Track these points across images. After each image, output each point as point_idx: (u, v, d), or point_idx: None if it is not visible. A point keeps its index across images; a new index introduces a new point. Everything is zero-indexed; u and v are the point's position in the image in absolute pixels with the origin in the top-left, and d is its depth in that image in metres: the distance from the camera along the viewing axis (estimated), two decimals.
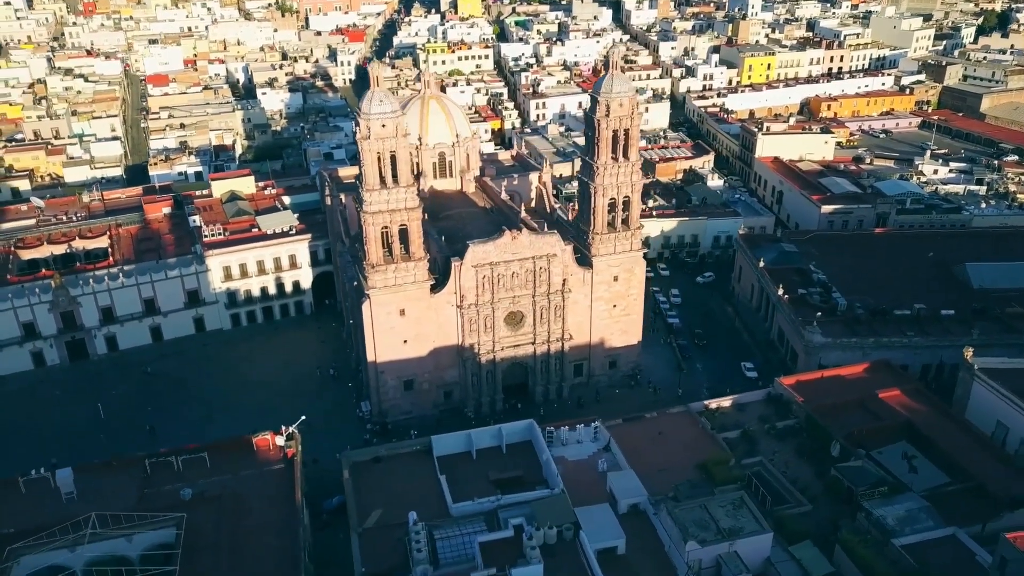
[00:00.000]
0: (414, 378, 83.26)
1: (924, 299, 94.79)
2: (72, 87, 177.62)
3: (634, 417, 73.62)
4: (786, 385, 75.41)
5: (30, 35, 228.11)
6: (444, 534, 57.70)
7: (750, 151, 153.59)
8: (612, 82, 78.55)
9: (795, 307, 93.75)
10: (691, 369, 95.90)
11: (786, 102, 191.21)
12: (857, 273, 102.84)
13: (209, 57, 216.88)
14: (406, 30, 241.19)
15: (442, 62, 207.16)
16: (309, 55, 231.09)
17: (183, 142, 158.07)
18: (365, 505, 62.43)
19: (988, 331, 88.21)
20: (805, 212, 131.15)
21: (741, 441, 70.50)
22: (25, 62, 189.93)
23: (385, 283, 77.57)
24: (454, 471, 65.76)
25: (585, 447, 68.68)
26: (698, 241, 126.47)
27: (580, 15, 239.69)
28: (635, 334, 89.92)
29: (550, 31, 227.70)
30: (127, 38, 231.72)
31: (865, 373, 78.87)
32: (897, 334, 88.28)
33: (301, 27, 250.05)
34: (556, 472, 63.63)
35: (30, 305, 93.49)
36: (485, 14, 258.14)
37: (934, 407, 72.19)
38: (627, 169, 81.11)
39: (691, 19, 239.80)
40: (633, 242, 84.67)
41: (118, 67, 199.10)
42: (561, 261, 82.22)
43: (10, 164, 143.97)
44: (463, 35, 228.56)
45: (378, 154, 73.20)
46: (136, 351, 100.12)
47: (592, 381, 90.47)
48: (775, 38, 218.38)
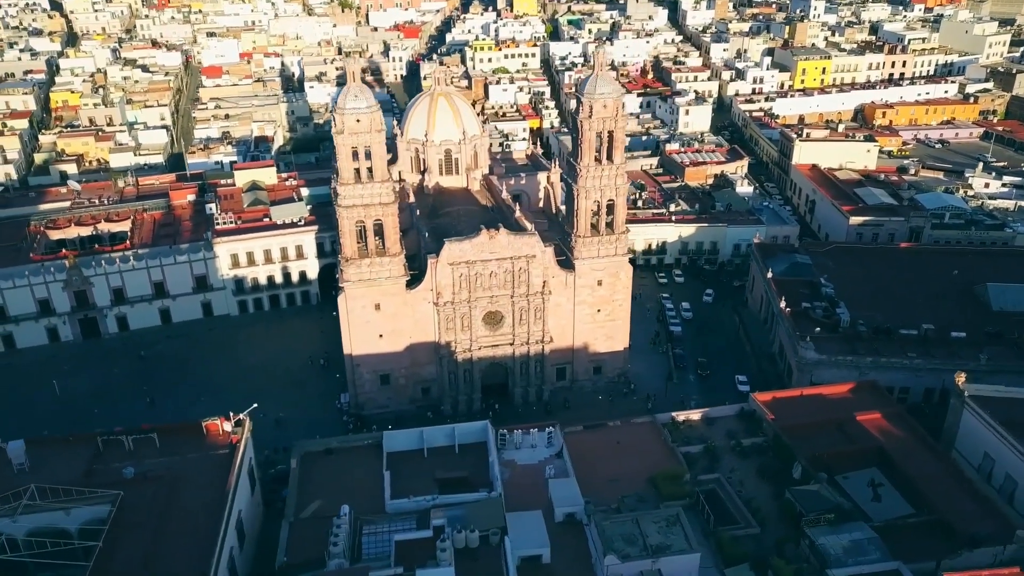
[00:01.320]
0: (390, 373, 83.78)
1: (938, 319, 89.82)
2: (130, 77, 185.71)
3: (595, 425, 72.20)
4: (760, 401, 72.54)
5: (104, 27, 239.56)
6: (373, 529, 57.96)
7: (787, 157, 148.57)
8: (596, 83, 77.08)
9: (796, 321, 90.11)
10: (683, 379, 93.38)
11: (839, 108, 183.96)
12: (872, 288, 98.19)
13: (266, 51, 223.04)
14: (460, 27, 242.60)
15: (488, 60, 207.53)
16: (364, 50, 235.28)
17: (225, 132, 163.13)
18: (307, 495, 63.28)
19: (999, 356, 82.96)
20: (835, 223, 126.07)
21: (702, 456, 68.21)
22: (90, 52, 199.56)
23: (359, 277, 78.27)
24: (402, 468, 65.89)
25: (538, 452, 67.73)
26: (717, 248, 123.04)
27: (635, 15, 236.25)
28: (621, 340, 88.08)
29: (602, 31, 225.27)
30: (193, 31, 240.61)
31: (849, 393, 75.15)
32: (898, 355, 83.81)
33: (359, 23, 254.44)
34: (498, 475, 63.10)
35: (45, 283, 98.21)
36: (541, 12, 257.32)
37: (913, 434, 68.17)
38: (611, 172, 79.49)
39: (749, 20, 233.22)
40: (618, 247, 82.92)
41: (178, 58, 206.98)
42: (541, 262, 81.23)
43: (62, 148, 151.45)
44: (514, 33, 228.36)
45: (353, 148, 73.85)
46: (145, 332, 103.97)
47: (575, 386, 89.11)
48: (834, 41, 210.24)
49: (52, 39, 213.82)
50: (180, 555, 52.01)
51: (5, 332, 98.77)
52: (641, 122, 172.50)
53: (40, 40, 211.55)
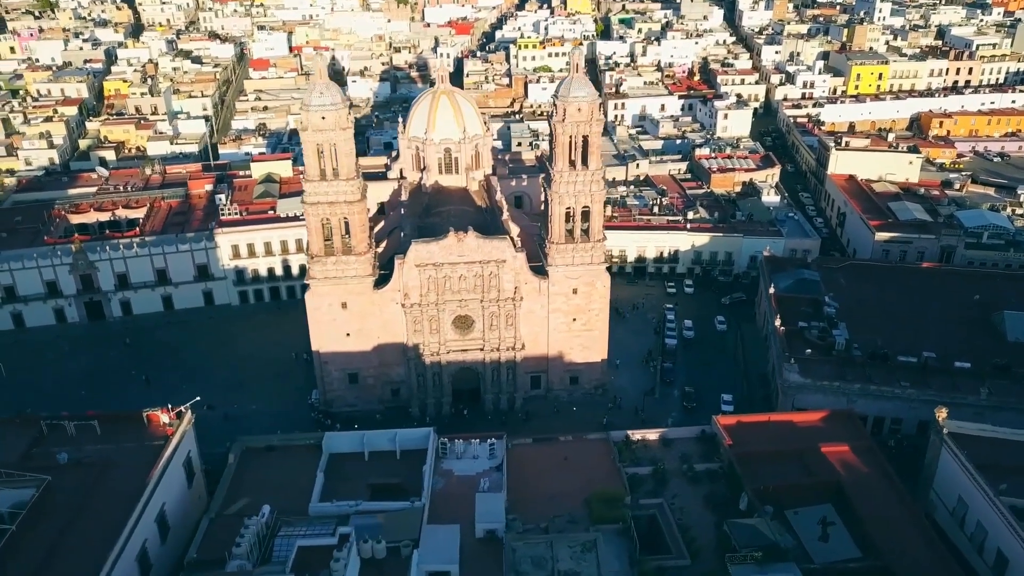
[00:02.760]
0: (358, 372, 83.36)
1: (945, 347, 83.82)
2: (180, 67, 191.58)
3: (545, 438, 69.97)
4: (721, 425, 68.79)
5: (169, 19, 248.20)
6: (288, 532, 57.12)
7: (824, 167, 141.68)
8: (571, 85, 74.55)
9: (789, 340, 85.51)
10: (666, 395, 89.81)
11: (893, 116, 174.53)
12: (880, 310, 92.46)
13: (317, 44, 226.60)
14: (511, 24, 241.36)
15: (532, 58, 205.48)
16: (416, 46, 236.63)
17: (261, 124, 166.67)
18: (239, 492, 63.24)
19: (1004, 391, 76.65)
20: (862, 238, 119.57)
21: (650, 479, 65.03)
22: (147, 43, 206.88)
23: (325, 274, 78.00)
24: (339, 470, 65.27)
25: (479, 463, 65.93)
26: (732, 259, 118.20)
27: (689, 14, 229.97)
28: (598, 351, 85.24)
29: (652, 30, 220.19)
30: (253, 24, 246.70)
31: (821, 422, 70.51)
32: (891, 383, 78.36)
33: (413, 18, 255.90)
34: (428, 485, 61.73)
35: (53, 266, 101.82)
36: (595, 11, 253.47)
37: (879, 471, 63.31)
38: (586, 178, 76.81)
39: (808, 22, 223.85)
40: (594, 255, 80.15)
41: (231, 51, 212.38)
42: (512, 267, 79.26)
43: (104, 136, 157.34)
44: (564, 31, 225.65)
45: (318, 145, 73.50)
46: (148, 317, 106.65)
47: (550, 395, 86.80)
48: (895, 45, 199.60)
49: (116, 30, 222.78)
50: (87, 544, 52.42)
51: (15, 311, 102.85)
52: (679, 125, 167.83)
53: (105, 31, 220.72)
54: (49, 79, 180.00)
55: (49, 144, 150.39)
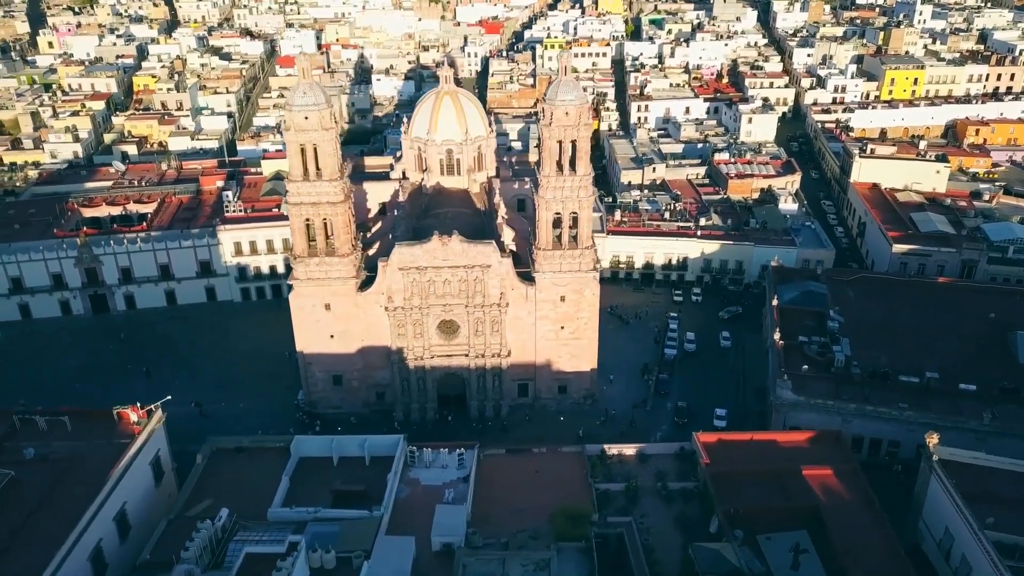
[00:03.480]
0: (343, 374, 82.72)
1: (952, 367, 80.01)
2: (208, 64, 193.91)
3: (519, 450, 68.49)
4: (701, 442, 66.38)
5: (204, 15, 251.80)
6: (244, 537, 56.47)
7: (847, 174, 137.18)
8: (558, 88, 72.72)
9: (786, 355, 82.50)
10: (659, 407, 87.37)
11: (927, 123, 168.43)
12: (888, 326, 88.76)
13: (347, 42, 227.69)
14: (541, 24, 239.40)
15: (557, 58, 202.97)
16: (446, 45, 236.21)
17: (282, 120, 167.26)
18: (204, 493, 62.93)
19: (1009, 416, 72.74)
20: (880, 249, 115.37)
21: (621, 496, 63.25)
22: (177, 39, 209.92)
23: (308, 275, 77.49)
24: (306, 475, 64.57)
25: (447, 473, 64.66)
26: (743, 268, 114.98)
27: (721, 15, 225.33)
28: (588, 360, 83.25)
29: (682, 31, 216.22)
30: (286, 21, 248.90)
31: (806, 443, 67.67)
32: (889, 404, 74.93)
33: (444, 17, 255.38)
34: (391, 494, 60.65)
35: (59, 259, 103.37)
36: (627, 11, 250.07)
37: (861, 497, 60.37)
38: (574, 183, 74.91)
39: (845, 24, 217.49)
40: (582, 262, 78.16)
41: (260, 47, 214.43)
42: (497, 273, 77.74)
43: (128, 130, 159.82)
44: (592, 31, 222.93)
45: (301, 146, 72.93)
46: (152, 311, 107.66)
47: (538, 404, 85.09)
48: (934, 49, 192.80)
49: (151, 26, 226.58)
50: (40, 540, 52.44)
51: (22, 302, 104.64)
52: (702, 129, 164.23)
53: (140, 27, 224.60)
54: (80, 74, 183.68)
55: (74, 138, 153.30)
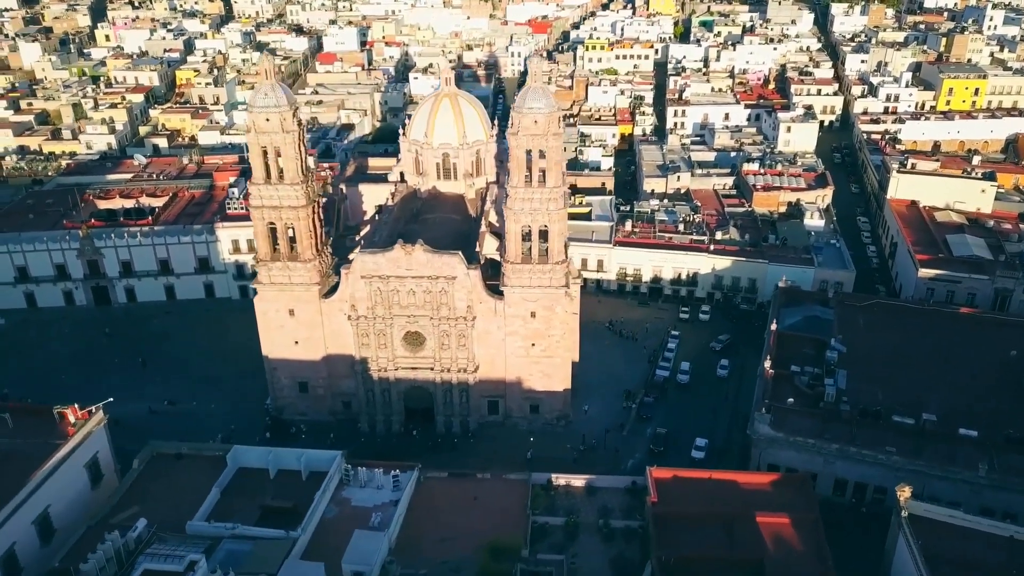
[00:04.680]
0: (308, 381, 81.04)
1: (957, 409, 73.16)
2: (248, 59, 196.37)
3: (462, 474, 65.35)
4: (653, 478, 61.97)
5: (258, 11, 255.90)
6: (156, 550, 55.13)
7: (884, 190, 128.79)
8: (526, 95, 69.07)
9: (774, 385, 77.01)
10: (637, 433, 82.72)
11: (985, 136, 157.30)
12: (895, 359, 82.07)
13: (393, 40, 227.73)
14: (589, 24, 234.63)
15: (599, 60, 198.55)
16: (492, 44, 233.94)
17: (313, 118, 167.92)
18: (134, 500, 61.94)
19: (1011, 469, 65.67)
20: (908, 273, 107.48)
21: (560, 531, 59.48)
22: (223, 34, 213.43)
23: (271, 279, 76.05)
24: (240, 486, 63.02)
25: (381, 494, 62.07)
26: (756, 287, 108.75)
27: (775, 17, 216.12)
28: (560, 380, 79.33)
29: (732, 33, 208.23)
30: (336, 17, 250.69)
31: (770, 486, 62.43)
32: (875, 446, 68.73)
33: (492, 15, 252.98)
34: (316, 515, 58.40)
35: (62, 250, 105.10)
36: (679, 12, 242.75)
37: (813, 551, 54.97)
38: (543, 195, 71.16)
39: (907, 29, 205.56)
40: (553, 277, 74.31)
41: (304, 44, 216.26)
42: (464, 285, 74.65)
43: (162, 123, 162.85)
44: (640, 33, 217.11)
45: (263, 148, 71.37)
46: (151, 305, 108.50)
47: (508, 423, 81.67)
48: (1001, 58, 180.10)
49: (203, 21, 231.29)
50: None
51: (27, 291, 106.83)
52: (738, 136, 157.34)
53: (192, 22, 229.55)
54: (127, 67, 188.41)
55: (110, 129, 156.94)
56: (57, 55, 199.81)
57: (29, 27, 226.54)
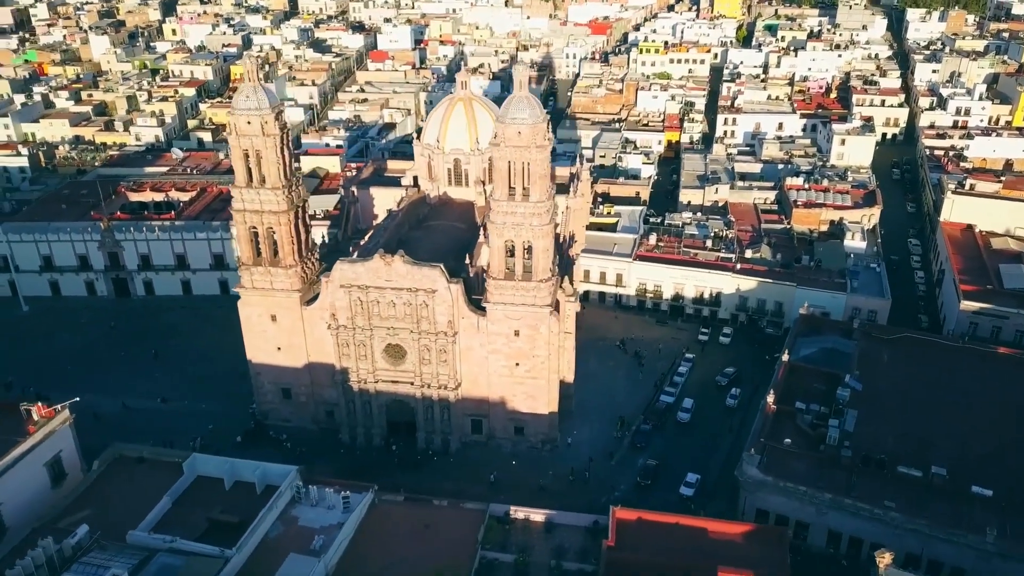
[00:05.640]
0: (291, 388, 79.73)
1: (980, 463, 66.43)
2: (302, 55, 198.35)
3: (418, 499, 62.55)
4: (617, 518, 57.89)
5: (322, 7, 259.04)
6: (92, 559, 54.50)
7: (939, 212, 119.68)
8: (510, 105, 65.54)
9: (774, 422, 71.58)
10: (628, 463, 78.20)
11: None
12: (915, 401, 75.60)
13: (449, 39, 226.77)
14: (649, 26, 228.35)
15: (652, 63, 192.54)
16: (549, 45, 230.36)
17: (356, 116, 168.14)
18: (88, 502, 61.52)
19: (1022, 536, 58.76)
20: (952, 304, 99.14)
21: (508, 569, 56.13)
22: (281, 31, 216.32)
23: (253, 284, 74.98)
24: (194, 495, 62.00)
25: (330, 515, 59.88)
26: (783, 311, 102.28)
27: (845, 23, 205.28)
28: (545, 403, 75.58)
29: (797, 39, 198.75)
30: (396, 15, 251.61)
31: (741, 537, 57.40)
32: (872, 499, 62.68)
33: (552, 15, 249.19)
34: (252, 533, 56.57)
35: (84, 241, 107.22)
36: (744, 15, 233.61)
37: None
38: (527, 210, 67.56)
39: (990, 37, 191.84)
40: (537, 296, 70.64)
41: (360, 41, 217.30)
42: (445, 300, 71.81)
43: (209, 118, 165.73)
44: (700, 36, 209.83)
45: (245, 151, 70.16)
46: (168, 299, 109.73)
47: (492, 443, 78.46)
48: None
49: (265, 16, 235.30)
50: None
51: (52, 279, 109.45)
52: (789, 148, 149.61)
53: (255, 17, 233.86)
54: (185, 60, 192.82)
55: (159, 122, 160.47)
56: (123, 48, 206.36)
57: (103, 20, 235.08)
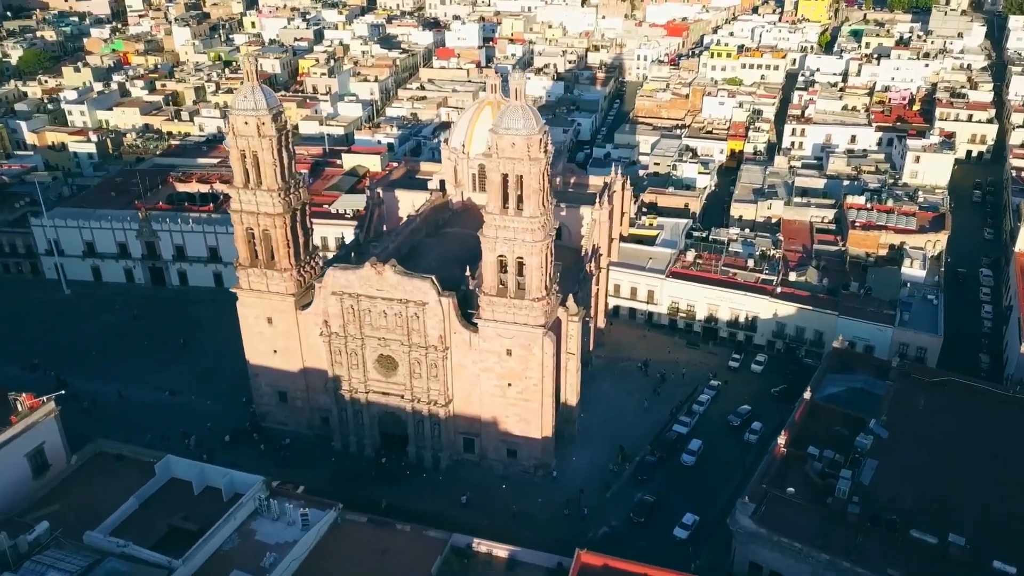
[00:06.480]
0: (287, 391, 78.77)
1: (1007, 533, 59.23)
2: (368, 51, 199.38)
3: (381, 522, 60.05)
4: (582, 562, 53.97)
5: (398, 3, 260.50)
6: (45, 559, 54.41)
7: (1013, 241, 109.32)
8: (504, 115, 62.07)
9: (782, 466, 65.91)
10: (624, 495, 73.59)
11: None
12: (949, 457, 68.29)
13: (521, 37, 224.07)
14: (726, 29, 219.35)
15: (722, 68, 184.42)
16: (623, 45, 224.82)
17: (413, 114, 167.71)
18: (60, 497, 61.83)
19: None
20: (1015, 346, 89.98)
21: None
22: (352, 26, 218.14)
23: (250, 286, 74.14)
24: (161, 498, 61.44)
25: (289, 532, 58.09)
26: (822, 341, 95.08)
27: (938, 29, 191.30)
28: (538, 427, 71.87)
29: (883, 46, 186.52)
30: (471, 12, 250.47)
31: None
32: (876, 566, 56.42)
33: (627, 15, 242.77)
34: (207, 546, 55.40)
35: (124, 229, 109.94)
36: (831, 19, 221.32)
37: None
38: (520, 224, 64.07)
39: None
40: (530, 315, 67.04)
41: (429, 38, 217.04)
42: (436, 313, 69.11)
43: None
44: (778, 40, 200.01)
45: (243, 152, 69.29)
46: (201, 290, 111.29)
47: (484, 464, 75.36)
48: None
49: (340, 11, 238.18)
50: None
51: (94, 265, 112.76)
52: (858, 163, 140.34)
53: (331, 12, 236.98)
54: (256, 53, 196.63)
55: (222, 113, 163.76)
56: (202, 40, 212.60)
57: (189, 12, 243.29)
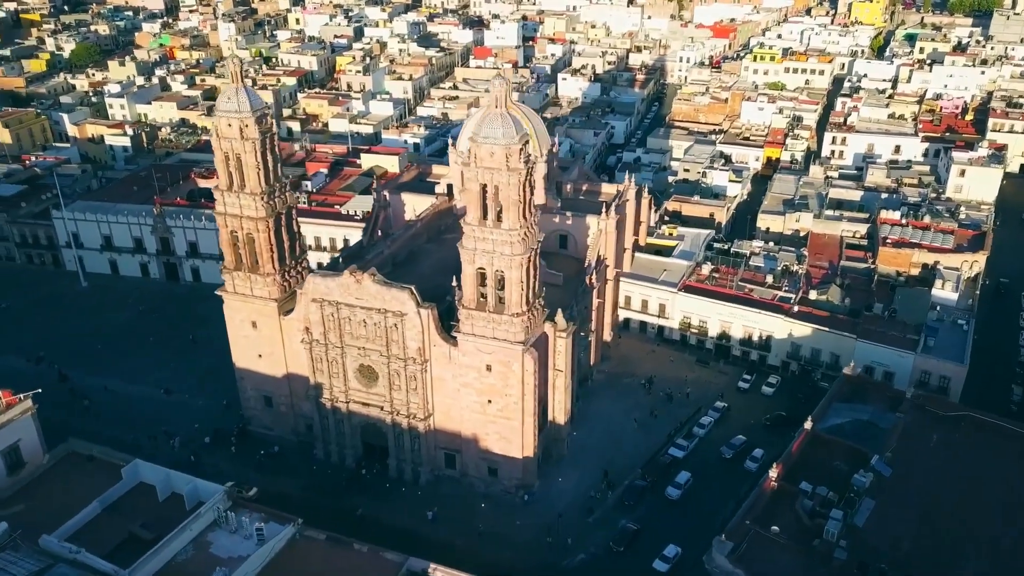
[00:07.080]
0: (272, 396, 77.83)
1: None
2: (405, 49, 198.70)
3: (339, 541, 58.14)
4: None
5: (443, 1, 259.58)
6: None
7: None
8: (483, 123, 59.52)
9: (770, 502, 62.05)
10: (608, 521, 70.38)
11: None
12: (955, 501, 63.34)
13: (562, 37, 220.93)
14: (776, 31, 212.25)
15: (765, 72, 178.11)
16: (667, 46, 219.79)
17: (443, 113, 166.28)
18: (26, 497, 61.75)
19: None
20: None
21: None
22: (391, 24, 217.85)
23: (235, 289, 73.30)
24: (126, 503, 60.76)
25: (243, 545, 56.64)
26: (839, 364, 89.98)
27: (1000, 34, 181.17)
28: (518, 446, 69.22)
29: (938, 51, 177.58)
30: (514, 11, 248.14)
31: None
32: None
33: (674, 16, 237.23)
34: (156, 557, 54.40)
35: (139, 224, 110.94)
36: (886, 22, 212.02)
37: None
38: (499, 237, 61.51)
39: None
40: (509, 330, 64.43)
41: (469, 36, 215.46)
42: (415, 324, 67.08)
43: (303, 108, 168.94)
44: (828, 44, 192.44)
45: (226, 154, 68.32)
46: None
47: (465, 481, 73.10)
48: None
49: (383, 8, 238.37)
50: None
51: (111, 259, 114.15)
52: (899, 175, 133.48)
53: (374, 9, 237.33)
54: (295, 50, 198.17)
55: None
56: (245, 36, 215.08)
57: (237, 8, 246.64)
